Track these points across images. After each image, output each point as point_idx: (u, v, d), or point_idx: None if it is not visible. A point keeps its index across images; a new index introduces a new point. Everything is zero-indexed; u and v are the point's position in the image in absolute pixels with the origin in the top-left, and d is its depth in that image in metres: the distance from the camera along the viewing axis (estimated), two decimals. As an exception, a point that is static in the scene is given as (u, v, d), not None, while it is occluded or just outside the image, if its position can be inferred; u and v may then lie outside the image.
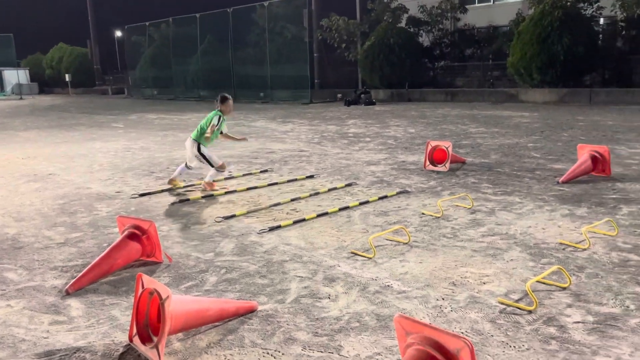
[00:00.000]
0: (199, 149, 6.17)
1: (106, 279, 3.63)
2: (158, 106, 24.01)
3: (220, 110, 6.25)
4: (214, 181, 6.41)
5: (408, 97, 21.90)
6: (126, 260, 3.79)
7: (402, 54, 22.11)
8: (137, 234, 3.85)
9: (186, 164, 6.52)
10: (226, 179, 7.04)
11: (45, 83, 45.23)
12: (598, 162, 6.37)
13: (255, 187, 6.44)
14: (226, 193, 6.19)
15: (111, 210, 5.57)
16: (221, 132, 6.36)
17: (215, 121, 6.13)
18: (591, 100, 17.14)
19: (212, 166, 6.24)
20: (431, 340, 2.08)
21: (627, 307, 3.00)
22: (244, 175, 7.25)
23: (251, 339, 2.78)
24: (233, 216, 5.15)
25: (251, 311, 3.07)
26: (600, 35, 19.39)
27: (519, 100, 18.75)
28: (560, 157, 7.81)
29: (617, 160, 7.27)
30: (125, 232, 3.88)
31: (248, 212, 5.29)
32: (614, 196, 5.47)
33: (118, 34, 46.40)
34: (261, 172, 7.47)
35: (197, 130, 6.22)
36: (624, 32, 19.20)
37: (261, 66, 25.59)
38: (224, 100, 6.30)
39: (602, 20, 19.55)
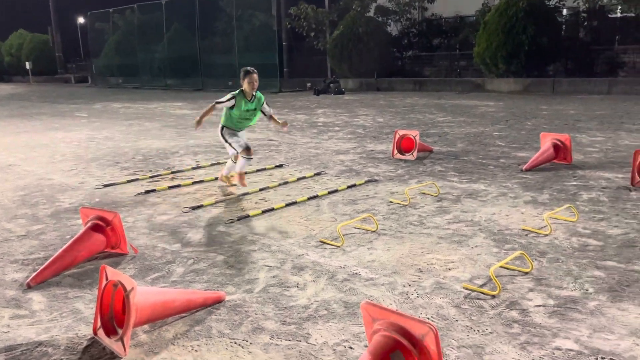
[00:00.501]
0: (221, 131, 5.62)
1: (69, 271, 3.55)
2: (123, 95, 23.49)
3: (243, 90, 5.45)
4: (239, 174, 5.62)
5: (377, 87, 21.99)
6: (90, 252, 3.71)
7: (371, 43, 22.12)
8: (101, 226, 3.77)
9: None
10: (193, 168, 6.95)
11: (4, 71, 43.67)
12: (560, 150, 6.53)
13: (223, 177, 6.38)
14: (193, 183, 6.12)
15: (74, 201, 5.44)
16: (264, 114, 5.63)
17: (224, 98, 5.42)
18: (554, 90, 17.52)
19: (234, 150, 5.54)
20: (397, 326, 2.11)
21: (586, 290, 3.10)
22: (211, 165, 7.17)
23: (219, 329, 2.77)
24: (201, 206, 5.10)
25: (219, 301, 3.05)
26: (564, 26, 19.80)
27: (485, 90, 19.04)
28: (524, 145, 7.98)
29: (578, 148, 7.47)
30: (89, 224, 3.80)
31: (216, 202, 5.25)
32: (575, 183, 5.62)
33: (81, 20, 45.00)
34: (229, 161, 7.41)
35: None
36: (586, 23, 19.65)
37: (229, 54, 25.24)
38: (246, 74, 5.45)
39: (565, 11, 19.95)
